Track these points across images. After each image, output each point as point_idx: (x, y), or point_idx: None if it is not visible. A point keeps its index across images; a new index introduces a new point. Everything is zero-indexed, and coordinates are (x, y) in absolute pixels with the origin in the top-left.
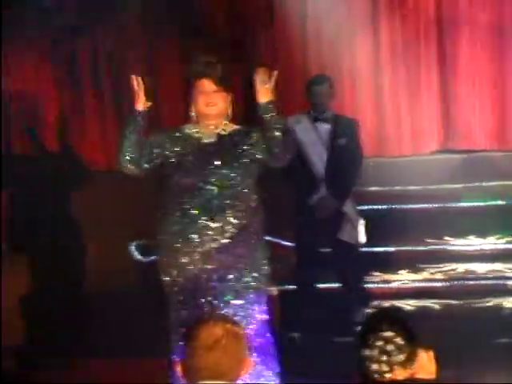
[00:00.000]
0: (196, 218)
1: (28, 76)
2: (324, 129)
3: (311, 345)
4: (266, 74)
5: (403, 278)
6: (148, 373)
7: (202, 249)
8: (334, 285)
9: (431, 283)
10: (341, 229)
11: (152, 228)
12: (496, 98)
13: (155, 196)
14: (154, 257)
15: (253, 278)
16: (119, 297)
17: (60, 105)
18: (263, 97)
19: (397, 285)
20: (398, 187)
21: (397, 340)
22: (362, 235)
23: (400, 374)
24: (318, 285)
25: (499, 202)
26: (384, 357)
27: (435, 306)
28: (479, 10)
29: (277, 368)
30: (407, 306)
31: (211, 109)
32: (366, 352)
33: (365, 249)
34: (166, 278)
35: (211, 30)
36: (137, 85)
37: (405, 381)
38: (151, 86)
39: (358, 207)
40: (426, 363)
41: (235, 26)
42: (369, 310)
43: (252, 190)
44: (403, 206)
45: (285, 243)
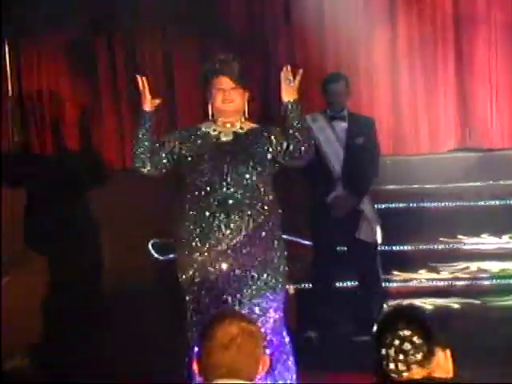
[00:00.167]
0: (213, 217)
1: (46, 76)
2: (341, 127)
3: (328, 344)
4: (291, 73)
5: (421, 277)
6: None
7: (219, 247)
8: (351, 283)
9: (450, 282)
10: (358, 227)
11: (169, 226)
12: None
13: (172, 195)
14: (172, 255)
15: (270, 277)
16: (136, 296)
17: (77, 104)
18: (287, 95)
19: (415, 283)
20: (415, 185)
21: (414, 339)
22: (379, 234)
23: (417, 373)
24: (335, 283)
25: None
26: (401, 356)
27: (453, 305)
28: (496, 8)
29: (293, 367)
30: (424, 305)
31: (228, 105)
32: (383, 351)
33: (382, 247)
34: (183, 277)
35: (229, 30)
36: (141, 85)
37: (422, 380)
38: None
39: (376, 205)
40: (443, 362)
41: (252, 26)
42: (385, 309)
43: (269, 189)
44: (420, 205)
45: (302, 242)
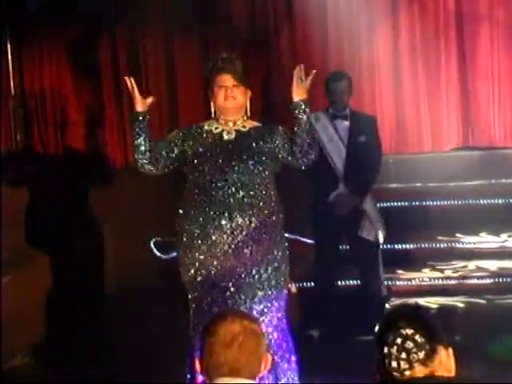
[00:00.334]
0: (215, 216)
1: (48, 75)
2: (343, 126)
3: (330, 342)
4: (304, 72)
5: (424, 276)
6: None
7: (221, 246)
8: (353, 282)
9: (453, 281)
10: (360, 226)
11: (171, 225)
12: None
13: (174, 193)
14: (174, 254)
15: (271, 276)
16: (137, 295)
17: (79, 103)
18: (298, 94)
19: (417, 282)
20: (418, 184)
21: (416, 337)
22: (381, 232)
23: (420, 372)
24: (337, 282)
25: None
26: (403, 354)
27: (457, 304)
28: (499, 7)
29: (296, 366)
30: (427, 304)
31: (230, 102)
32: (385, 349)
33: (384, 246)
34: (185, 276)
35: (231, 28)
36: (130, 86)
37: (424, 378)
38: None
39: (378, 204)
40: (446, 360)
41: (254, 24)
42: (388, 307)
43: (271, 187)
44: (423, 203)
45: (304, 240)
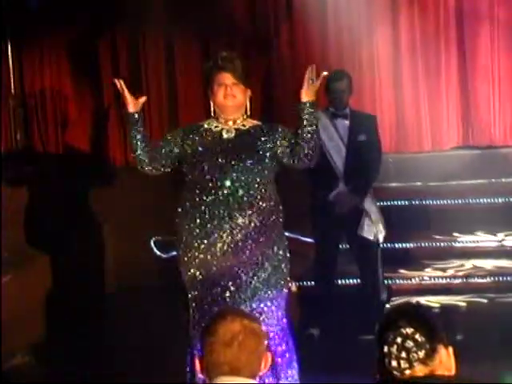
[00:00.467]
0: (214, 215)
1: (49, 75)
2: (343, 125)
3: (330, 341)
4: (315, 73)
5: (424, 275)
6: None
7: (221, 245)
8: (353, 281)
9: (454, 279)
10: (360, 225)
11: (171, 224)
12: None
13: (174, 192)
14: (174, 253)
15: (271, 275)
16: (138, 295)
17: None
18: (307, 95)
19: (417, 281)
20: (418, 183)
21: (416, 336)
22: (381, 231)
23: (420, 371)
24: (337, 281)
25: None
26: (403, 354)
27: (458, 303)
28: (499, 6)
29: (296, 365)
30: (428, 303)
31: (229, 100)
32: (385, 348)
33: (384, 245)
34: (185, 275)
35: (231, 27)
36: (120, 88)
37: (424, 378)
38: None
39: (378, 203)
40: (446, 359)
41: (254, 23)
42: (388, 306)
43: (271, 187)
44: (423, 202)
45: (304, 239)
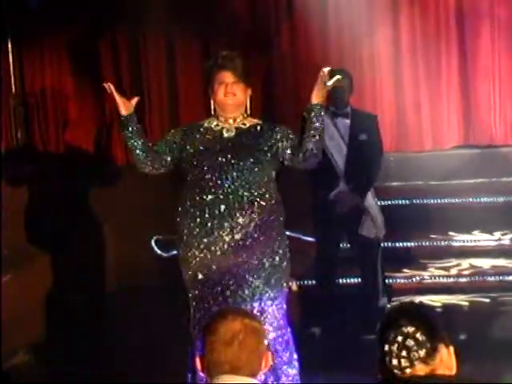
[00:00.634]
0: (214, 214)
1: (49, 74)
2: (343, 124)
3: (331, 341)
4: (328, 77)
5: (424, 274)
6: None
7: (221, 245)
8: (354, 280)
9: (456, 278)
10: (361, 224)
11: (172, 223)
12: None
13: (175, 191)
14: (175, 252)
15: (272, 274)
16: (139, 294)
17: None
18: (318, 98)
19: (418, 280)
20: (419, 182)
21: (417, 335)
22: (382, 231)
23: (420, 370)
24: (338, 280)
25: None
26: (404, 352)
27: (458, 302)
28: (500, 5)
29: (296, 364)
30: (429, 302)
31: (229, 99)
32: (386, 347)
33: (385, 244)
34: (186, 274)
35: (231, 26)
36: (110, 92)
37: (425, 377)
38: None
39: (379, 202)
40: (447, 359)
41: (255, 22)
42: (389, 305)
43: (271, 185)
44: (424, 201)
45: (305, 238)
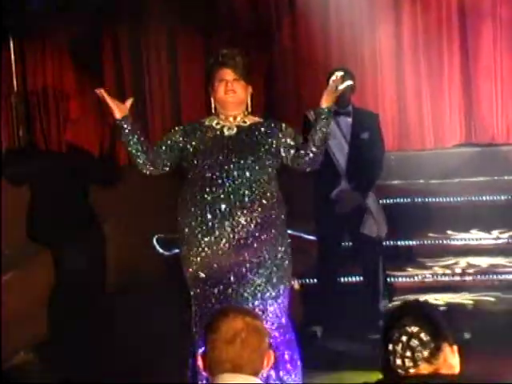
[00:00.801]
0: (216, 213)
1: (51, 73)
2: (345, 122)
3: (332, 339)
4: (341, 81)
5: (426, 272)
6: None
7: (223, 243)
8: (356, 278)
9: (457, 278)
10: (362, 222)
11: (174, 222)
12: None
13: (177, 190)
14: (177, 250)
15: (274, 273)
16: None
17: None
18: (326, 101)
19: (420, 278)
20: (420, 181)
21: (421, 335)
22: (384, 229)
23: (424, 369)
24: (340, 278)
25: None
26: (408, 352)
27: (461, 301)
28: (502, 4)
29: (298, 362)
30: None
31: (230, 96)
32: (390, 347)
33: (386, 242)
34: (187, 273)
35: (233, 24)
36: (102, 97)
37: (428, 376)
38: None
39: (380, 201)
40: (450, 358)
41: (256, 18)
42: (390, 304)
43: (273, 184)
44: (425, 200)
45: (306, 237)
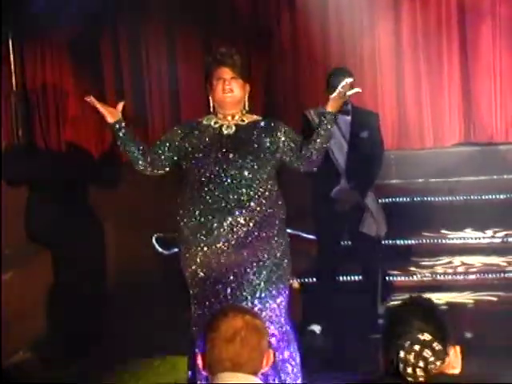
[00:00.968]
0: (215, 212)
1: (51, 72)
2: (344, 121)
3: (331, 338)
4: (349, 87)
5: (426, 271)
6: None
7: (222, 242)
8: (355, 277)
9: (458, 277)
10: (361, 221)
11: (173, 221)
12: None
13: (177, 189)
14: (175, 249)
15: (273, 271)
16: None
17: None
18: (332, 107)
19: (419, 277)
20: (420, 180)
21: (434, 345)
22: (383, 228)
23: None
24: (339, 277)
25: None
26: (421, 363)
27: (462, 301)
28: (501, 3)
29: (297, 361)
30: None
31: (228, 95)
32: (401, 354)
33: (386, 241)
34: (187, 272)
35: (232, 23)
36: (92, 104)
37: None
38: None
39: (380, 200)
40: (453, 359)
41: (255, 16)
42: (390, 303)
43: (272, 182)
44: (424, 199)
45: (306, 236)
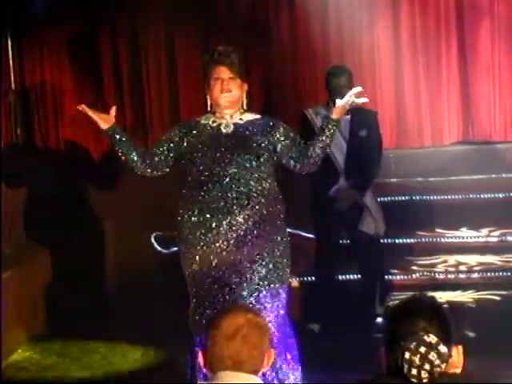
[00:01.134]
0: (214, 211)
1: (49, 70)
2: (343, 120)
3: (330, 337)
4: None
5: (425, 270)
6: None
7: (221, 241)
8: (354, 276)
9: (457, 275)
10: (360, 220)
11: (172, 219)
12: None
13: (175, 188)
14: (175, 248)
15: (272, 270)
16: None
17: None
18: (336, 113)
19: (419, 276)
20: (419, 178)
21: (439, 347)
22: (382, 227)
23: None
24: (338, 276)
25: None
26: (426, 366)
27: (457, 299)
28: (500, 2)
29: (297, 360)
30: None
31: (226, 95)
32: (407, 355)
33: (385, 240)
34: (186, 271)
35: (231, 20)
36: (84, 112)
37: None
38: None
39: (378, 199)
40: (456, 358)
41: (254, 13)
42: (390, 302)
43: (270, 181)
44: (423, 197)
45: (305, 234)
